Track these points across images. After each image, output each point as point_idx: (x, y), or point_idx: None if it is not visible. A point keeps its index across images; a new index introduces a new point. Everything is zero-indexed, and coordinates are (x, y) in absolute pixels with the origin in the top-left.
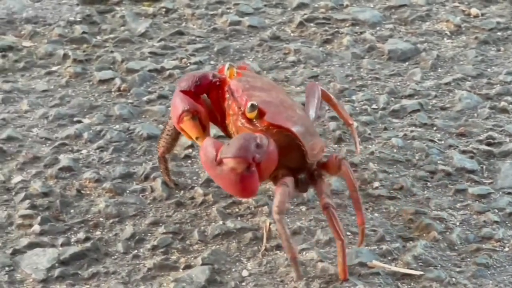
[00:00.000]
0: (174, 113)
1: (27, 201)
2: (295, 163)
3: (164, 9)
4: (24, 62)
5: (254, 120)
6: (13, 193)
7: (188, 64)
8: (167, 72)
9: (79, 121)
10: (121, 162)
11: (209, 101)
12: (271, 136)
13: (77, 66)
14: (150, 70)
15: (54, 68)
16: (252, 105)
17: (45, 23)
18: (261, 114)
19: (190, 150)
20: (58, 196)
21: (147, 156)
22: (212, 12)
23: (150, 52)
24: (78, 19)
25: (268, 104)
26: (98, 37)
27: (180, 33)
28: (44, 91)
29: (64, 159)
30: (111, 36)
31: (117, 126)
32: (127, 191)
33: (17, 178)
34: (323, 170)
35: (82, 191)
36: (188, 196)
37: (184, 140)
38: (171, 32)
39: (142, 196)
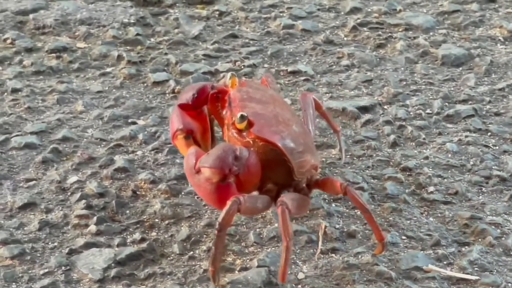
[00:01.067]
0: (170, 129)
1: (83, 201)
2: (282, 178)
3: (217, 12)
4: (78, 63)
5: (244, 131)
6: (69, 193)
7: (242, 67)
8: (221, 75)
9: (134, 123)
10: (176, 164)
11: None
12: (257, 149)
13: (131, 68)
14: (204, 73)
15: (108, 70)
16: (242, 116)
17: (99, 25)
18: (250, 125)
19: None
20: (114, 196)
21: None
22: (265, 16)
23: (204, 55)
24: (132, 21)
25: (259, 116)
26: (152, 39)
27: (234, 36)
28: (98, 92)
29: (119, 160)
30: (165, 38)
31: None
32: (182, 193)
33: (72, 179)
34: (315, 189)
35: (138, 192)
36: None
37: None
38: (225, 35)
39: (197, 197)
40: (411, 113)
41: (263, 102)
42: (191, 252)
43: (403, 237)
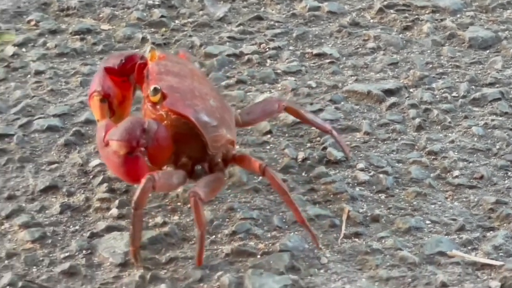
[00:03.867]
0: (89, 88)
1: (105, 184)
2: (196, 152)
3: None
4: (102, 45)
5: (157, 104)
6: (91, 176)
7: (267, 49)
8: (246, 57)
9: None
10: None
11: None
12: (170, 122)
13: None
14: (228, 55)
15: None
16: (155, 89)
17: (124, 6)
18: (163, 98)
19: (269, 136)
20: None
21: None
22: None
23: (228, 37)
24: (157, 3)
25: (174, 89)
26: (177, 21)
27: (259, 18)
28: None
29: None
30: (190, 20)
31: None
32: None
33: (95, 162)
34: (232, 164)
35: None
36: (266, 182)
37: (262, 126)
38: (250, 17)
39: None
40: (437, 96)
41: (181, 76)
42: (213, 236)
43: (427, 222)
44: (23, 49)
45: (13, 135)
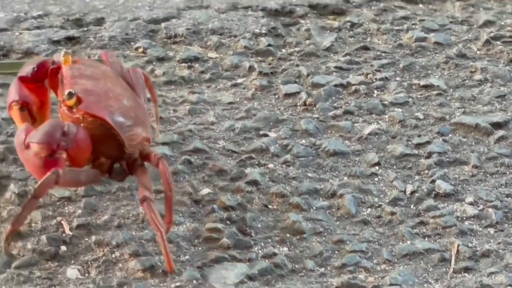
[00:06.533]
0: (8, 100)
1: (214, 214)
2: (114, 152)
3: (349, 23)
4: (210, 74)
5: (73, 107)
6: (200, 205)
7: (374, 80)
8: (353, 88)
9: (265, 135)
10: (308, 178)
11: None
12: (87, 125)
13: (262, 79)
14: (335, 85)
15: (239, 80)
16: (70, 93)
17: (231, 35)
18: (79, 102)
19: (377, 168)
20: (245, 210)
21: (334, 172)
22: (397, 28)
23: (335, 67)
24: (264, 32)
25: (89, 92)
26: (284, 50)
27: (366, 48)
28: (230, 103)
29: (251, 173)
30: (296, 49)
31: (303, 141)
32: (314, 207)
33: (204, 191)
34: (146, 161)
35: (269, 206)
36: (375, 214)
37: (370, 158)
38: (357, 46)
39: (329, 212)
40: None
41: (94, 79)
42: (322, 269)
43: None
44: None
45: None
